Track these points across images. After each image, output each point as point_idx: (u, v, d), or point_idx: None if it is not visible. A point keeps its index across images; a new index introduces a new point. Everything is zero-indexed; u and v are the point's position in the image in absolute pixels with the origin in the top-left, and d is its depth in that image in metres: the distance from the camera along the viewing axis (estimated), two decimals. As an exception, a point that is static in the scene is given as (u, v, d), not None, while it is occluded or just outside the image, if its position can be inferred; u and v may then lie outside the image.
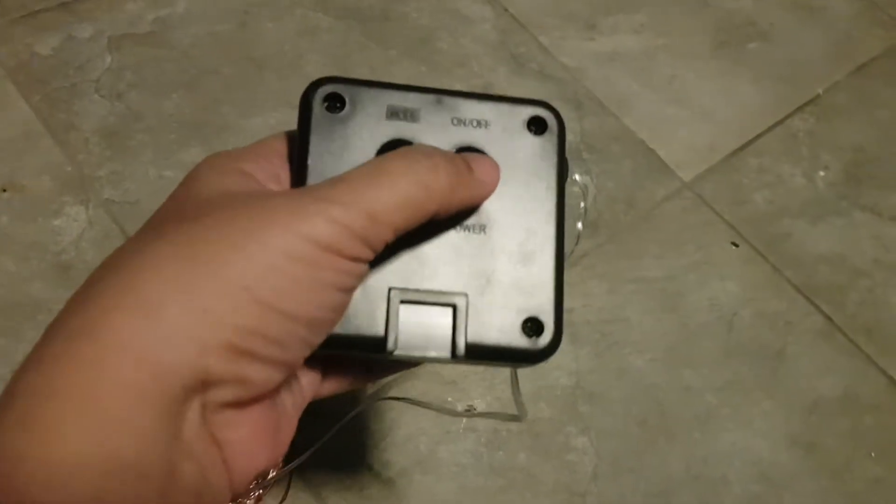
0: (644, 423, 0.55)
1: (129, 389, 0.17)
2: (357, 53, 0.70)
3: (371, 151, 0.26)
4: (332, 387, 0.27)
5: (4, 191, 0.58)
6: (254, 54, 0.68)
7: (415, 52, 0.71)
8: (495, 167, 0.26)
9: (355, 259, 0.22)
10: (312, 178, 0.25)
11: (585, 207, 0.30)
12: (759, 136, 0.71)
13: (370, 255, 0.22)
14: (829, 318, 0.61)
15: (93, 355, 0.18)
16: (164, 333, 0.18)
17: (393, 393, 0.53)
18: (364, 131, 0.26)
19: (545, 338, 0.26)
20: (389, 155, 0.24)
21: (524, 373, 0.44)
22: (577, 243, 0.27)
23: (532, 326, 0.26)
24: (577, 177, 0.29)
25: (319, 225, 0.20)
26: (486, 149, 0.27)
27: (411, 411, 0.53)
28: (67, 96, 0.63)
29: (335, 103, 0.27)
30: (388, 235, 0.22)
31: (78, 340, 0.18)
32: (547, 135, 0.27)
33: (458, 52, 0.72)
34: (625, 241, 0.62)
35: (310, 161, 0.26)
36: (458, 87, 0.69)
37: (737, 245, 0.64)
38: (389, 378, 0.53)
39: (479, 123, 0.27)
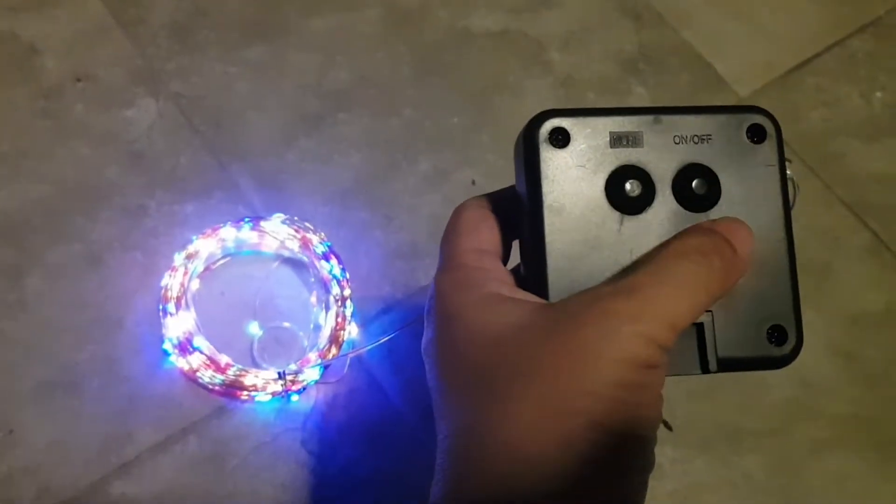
0: (689, 325, 0.57)
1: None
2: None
3: (600, 182, 0.26)
4: None
5: (79, 80, 0.60)
6: (316, -44, 0.69)
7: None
8: (750, 235, 0.26)
9: (657, 367, 0.23)
10: (550, 220, 0.26)
11: (793, 202, 0.30)
12: (817, 55, 0.71)
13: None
14: (877, 236, 0.62)
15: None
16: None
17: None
18: (591, 162, 0.26)
19: (790, 343, 0.27)
20: (672, 258, 0.25)
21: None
22: None
23: (776, 334, 0.27)
24: (787, 172, 0.30)
25: (639, 346, 0.22)
26: (712, 164, 0.27)
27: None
28: (137, -9, 0.64)
29: (558, 136, 0.26)
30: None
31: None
32: (767, 141, 0.28)
33: (518, -40, 0.71)
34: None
35: (545, 200, 0.26)
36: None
37: (790, 161, 0.64)
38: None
39: (700, 139, 0.27)
